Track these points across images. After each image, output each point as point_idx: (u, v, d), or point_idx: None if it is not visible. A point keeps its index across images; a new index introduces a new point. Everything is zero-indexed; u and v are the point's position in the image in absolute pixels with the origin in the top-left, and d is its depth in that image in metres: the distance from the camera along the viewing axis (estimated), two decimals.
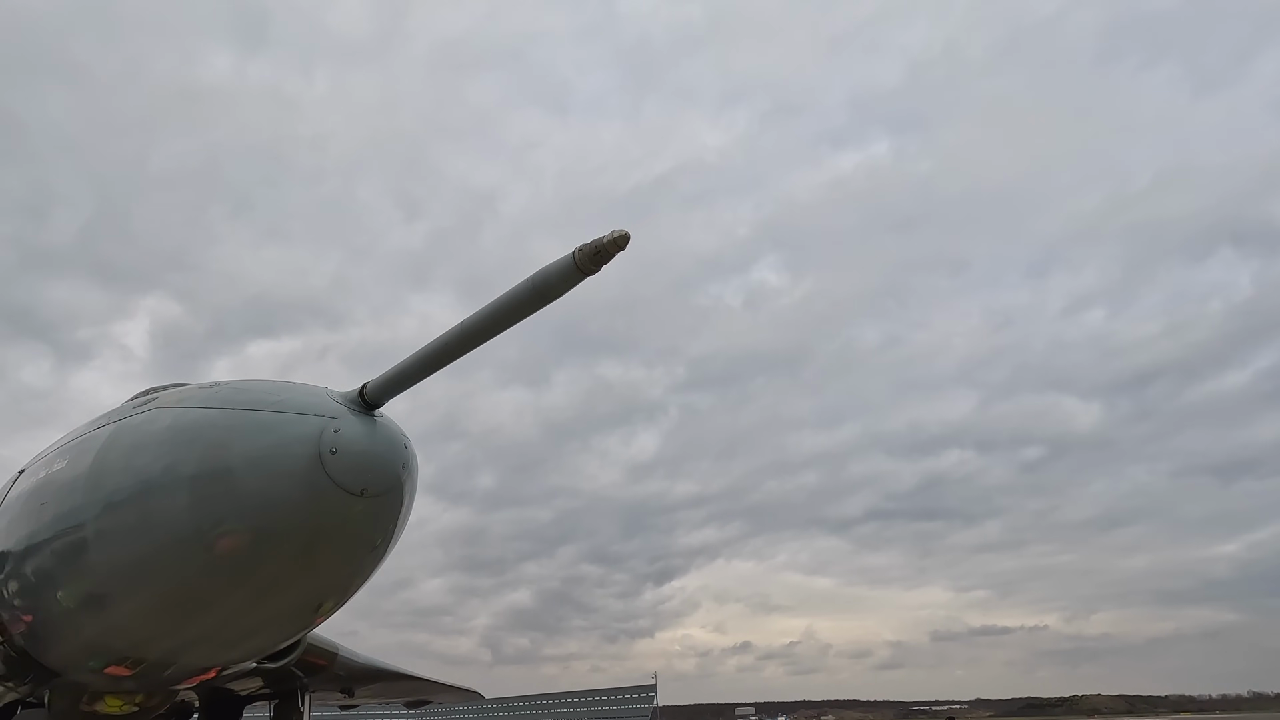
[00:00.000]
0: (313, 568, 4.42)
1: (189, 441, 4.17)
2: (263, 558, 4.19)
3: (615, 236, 3.12)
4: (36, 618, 5.26)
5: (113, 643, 5.06)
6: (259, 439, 3.99)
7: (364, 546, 4.39)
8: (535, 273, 3.41)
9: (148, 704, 6.15)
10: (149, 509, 4.21)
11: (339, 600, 4.97)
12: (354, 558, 4.47)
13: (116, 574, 4.47)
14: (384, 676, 15.09)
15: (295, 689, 11.60)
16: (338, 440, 3.91)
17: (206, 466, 4.06)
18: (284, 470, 3.92)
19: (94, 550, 4.48)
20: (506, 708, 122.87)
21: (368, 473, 3.98)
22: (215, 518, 4.06)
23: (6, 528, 5.39)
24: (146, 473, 4.26)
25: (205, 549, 4.12)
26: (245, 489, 3.98)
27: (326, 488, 3.90)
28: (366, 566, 4.62)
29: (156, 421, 4.43)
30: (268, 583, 4.39)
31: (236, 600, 4.49)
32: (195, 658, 5.50)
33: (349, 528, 4.19)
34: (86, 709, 5.78)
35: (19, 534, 5.17)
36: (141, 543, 4.28)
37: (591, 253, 3.17)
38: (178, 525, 4.13)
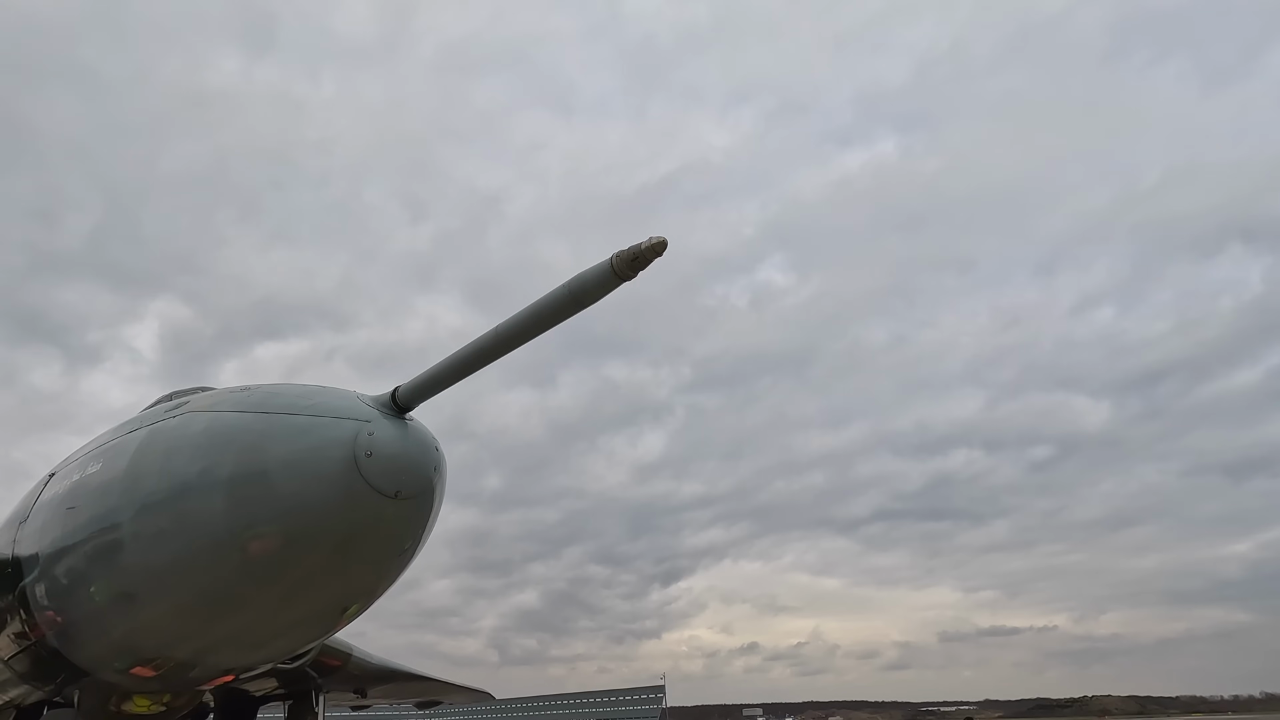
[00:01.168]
0: (344, 570, 4.46)
1: (224, 445, 4.23)
2: (296, 560, 4.22)
3: (654, 243, 3.15)
4: (69, 617, 5.32)
5: (141, 643, 5.11)
6: (294, 442, 4.05)
7: (395, 548, 4.44)
8: (572, 278, 3.44)
9: (174, 704, 6.22)
10: (185, 511, 4.26)
11: (365, 603, 5.01)
12: (385, 560, 4.51)
13: (150, 575, 4.52)
14: (397, 677, 15.14)
15: (310, 689, 11.66)
16: (372, 443, 3.95)
17: (242, 470, 4.12)
18: (319, 473, 3.96)
19: (129, 551, 4.54)
20: (516, 708, 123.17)
21: (402, 475, 4.02)
22: (251, 520, 4.11)
23: (40, 529, 5.45)
24: (183, 476, 4.31)
25: (239, 551, 4.17)
26: (281, 492, 4.03)
27: (361, 490, 3.94)
28: (395, 569, 4.67)
29: (191, 425, 4.49)
30: (298, 585, 4.43)
31: (267, 602, 4.53)
32: (221, 659, 5.54)
33: (382, 530, 4.23)
34: (115, 709, 5.85)
35: (53, 535, 5.23)
36: (176, 544, 4.32)
37: (630, 259, 3.20)
38: (213, 527, 4.18)
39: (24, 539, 5.69)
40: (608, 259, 3.26)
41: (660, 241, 3.13)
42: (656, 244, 3.14)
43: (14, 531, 5.98)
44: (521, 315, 3.64)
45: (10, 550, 5.92)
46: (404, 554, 4.53)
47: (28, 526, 5.71)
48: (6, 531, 6.27)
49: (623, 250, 3.21)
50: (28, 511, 5.85)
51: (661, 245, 3.12)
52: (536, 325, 3.64)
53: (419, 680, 16.43)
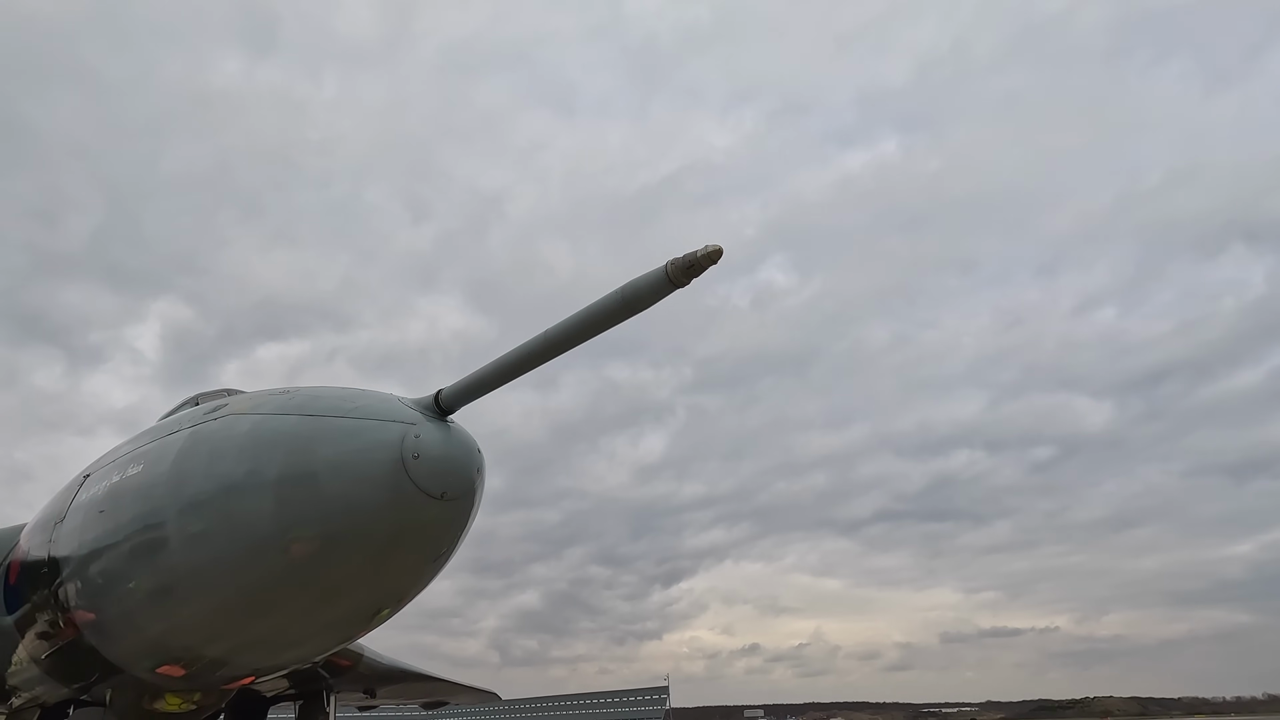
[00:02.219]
0: (384, 572, 4.49)
1: (270, 447, 4.26)
2: (339, 561, 4.25)
3: (709, 251, 3.16)
4: (107, 615, 5.36)
5: (178, 641, 5.15)
6: (342, 444, 4.08)
7: (436, 550, 4.48)
8: (625, 284, 3.45)
9: (204, 702, 6.27)
10: (231, 512, 4.29)
11: (397, 607, 5.04)
12: (424, 562, 4.56)
13: (193, 574, 4.55)
14: (406, 677, 15.18)
15: (321, 689, 11.69)
16: (419, 445, 4.00)
17: (290, 471, 4.15)
18: (368, 475, 4.00)
19: (173, 551, 4.57)
20: (520, 709, 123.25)
21: (448, 477, 4.07)
22: (297, 521, 4.14)
23: (79, 530, 5.49)
24: (229, 477, 4.34)
25: (284, 551, 4.20)
26: (329, 493, 4.05)
27: (409, 491, 3.96)
28: (432, 571, 4.71)
29: (235, 427, 4.52)
30: (338, 586, 4.46)
31: (305, 603, 4.56)
32: (252, 660, 5.59)
33: (426, 531, 4.28)
34: (147, 707, 5.89)
35: (93, 535, 5.27)
36: (221, 544, 4.36)
37: (685, 266, 3.21)
38: (260, 528, 4.21)
39: (61, 539, 5.73)
40: (662, 266, 3.27)
41: (716, 250, 3.15)
42: (712, 252, 3.15)
43: (50, 532, 6.01)
44: (572, 320, 3.67)
45: (46, 550, 5.96)
46: (443, 556, 4.57)
47: (64, 527, 5.75)
48: (41, 532, 6.31)
49: (677, 257, 3.22)
50: (63, 512, 5.89)
51: (717, 253, 3.15)
52: (587, 330, 3.66)
53: (427, 680, 16.46)
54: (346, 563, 4.27)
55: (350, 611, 4.92)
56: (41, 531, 6.33)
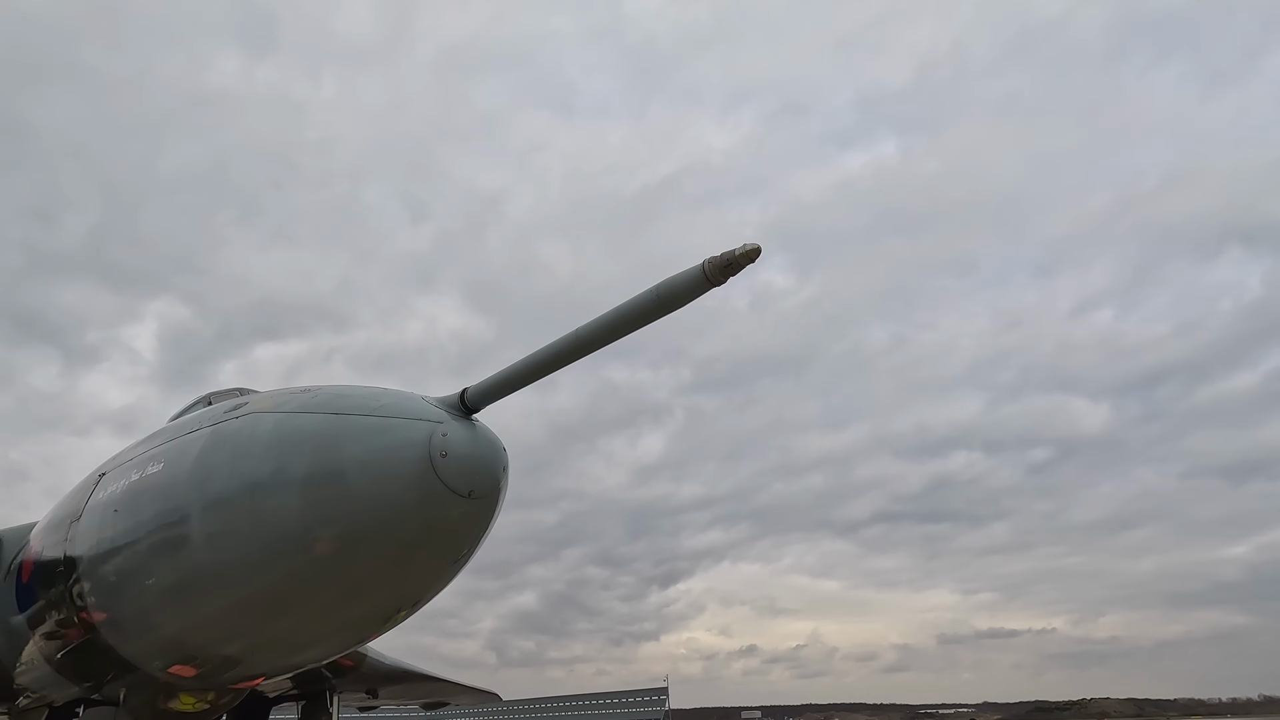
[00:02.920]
0: (409, 570, 4.46)
1: (296, 445, 4.22)
2: (364, 559, 4.21)
3: (747, 250, 3.10)
4: (125, 614, 5.31)
5: (194, 639, 5.11)
6: (369, 442, 4.05)
7: (460, 549, 4.45)
8: (660, 282, 3.39)
9: (217, 702, 6.24)
10: (257, 510, 4.25)
11: (416, 606, 4.99)
12: (448, 560, 4.53)
13: (216, 572, 4.51)
14: (409, 677, 15.13)
15: (324, 690, 11.63)
16: (446, 444, 3.97)
17: (317, 469, 4.11)
18: (395, 473, 3.97)
19: (196, 548, 4.53)
20: (520, 709, 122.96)
21: (475, 475, 4.06)
22: (324, 519, 4.10)
23: (98, 528, 5.44)
24: (254, 475, 4.30)
25: (308, 549, 4.16)
26: (356, 491, 4.01)
27: (438, 490, 3.95)
28: (454, 570, 4.67)
29: (259, 425, 4.48)
30: (361, 585, 4.42)
31: (326, 601, 4.53)
32: (266, 660, 5.55)
33: (453, 529, 4.25)
34: (162, 706, 5.85)
35: (113, 534, 5.22)
36: (246, 543, 4.32)
37: (722, 265, 3.16)
38: (286, 527, 4.17)
39: (78, 538, 5.68)
40: (699, 264, 3.21)
41: (754, 249, 3.09)
42: (750, 251, 3.10)
43: (65, 531, 5.96)
44: (604, 319, 3.62)
45: (62, 550, 5.91)
46: (465, 556, 4.54)
47: (81, 525, 5.70)
48: (56, 531, 6.27)
49: (715, 256, 3.16)
50: (79, 511, 5.84)
51: (755, 252, 3.09)
52: (619, 329, 3.61)
53: (429, 681, 16.41)
54: (371, 561, 4.23)
55: (370, 611, 4.87)
56: (55, 531, 6.29)
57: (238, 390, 6.78)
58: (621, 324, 3.58)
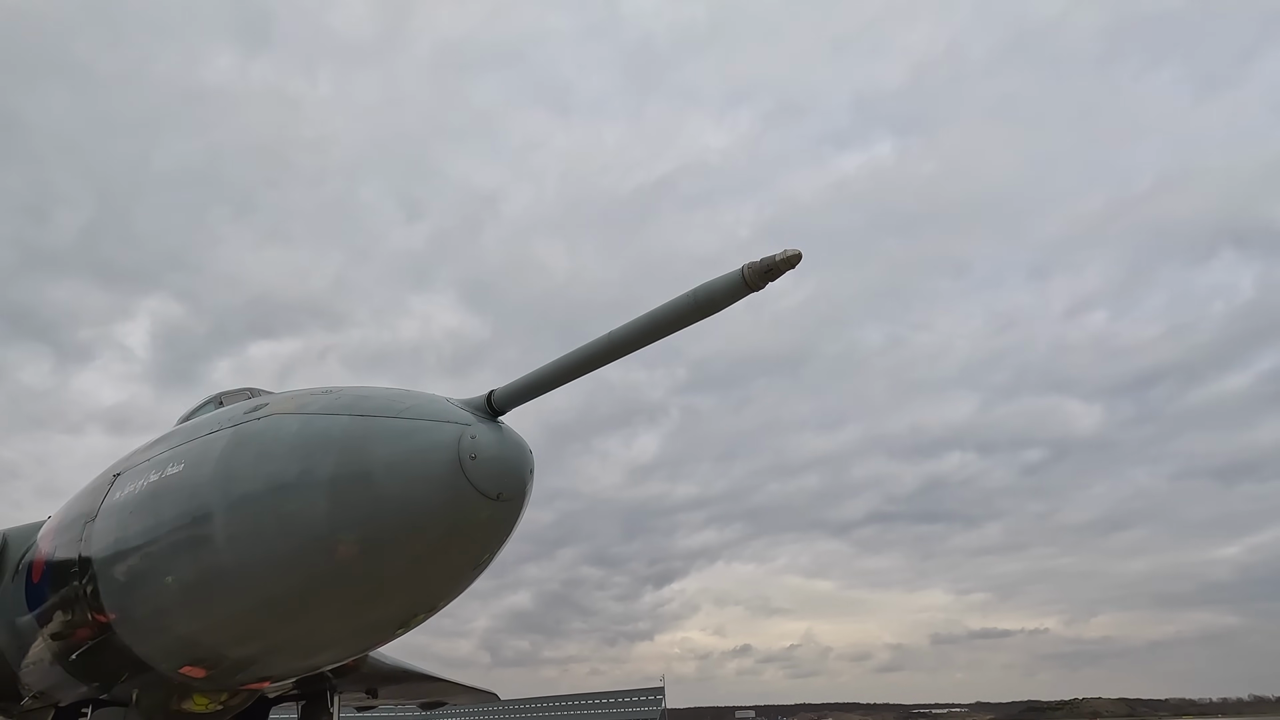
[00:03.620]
0: (432, 572, 4.46)
1: (323, 447, 4.20)
2: (389, 561, 4.20)
3: (788, 255, 3.11)
4: (146, 612, 5.29)
5: (214, 639, 5.10)
6: (397, 444, 4.04)
7: (484, 552, 4.45)
8: (698, 286, 3.38)
9: (230, 703, 6.20)
10: (282, 511, 4.24)
11: (435, 609, 4.97)
12: (472, 562, 4.52)
13: (240, 572, 4.50)
14: (408, 677, 15.12)
15: (325, 690, 11.60)
16: (475, 446, 3.96)
17: (344, 470, 4.09)
18: (424, 475, 3.96)
19: (220, 549, 4.51)
20: (517, 709, 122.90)
21: (504, 478, 4.05)
22: (351, 521, 4.09)
23: (116, 528, 5.43)
24: (280, 476, 4.29)
25: (333, 551, 4.15)
26: (385, 493, 4.00)
27: (467, 492, 3.95)
28: (475, 574, 4.67)
29: (283, 427, 4.47)
30: (384, 587, 4.41)
31: (348, 603, 4.51)
32: (279, 661, 5.54)
33: (479, 532, 4.24)
34: (176, 707, 5.82)
35: (134, 532, 5.20)
36: (271, 543, 4.31)
37: (762, 270, 3.16)
38: (311, 528, 4.16)
39: (94, 538, 5.66)
40: (739, 269, 3.21)
41: (795, 254, 3.09)
42: (790, 256, 3.09)
43: (80, 531, 5.95)
44: (640, 321, 3.60)
45: (76, 550, 5.89)
46: (487, 559, 4.53)
47: (97, 525, 5.68)
48: (69, 531, 6.25)
49: (755, 261, 3.16)
50: (94, 512, 5.83)
51: (796, 258, 3.09)
52: (655, 332, 3.60)
53: (428, 681, 16.39)
54: (397, 564, 4.22)
55: (391, 613, 4.86)
56: (69, 530, 6.27)
57: (248, 390, 6.76)
58: (657, 327, 3.58)
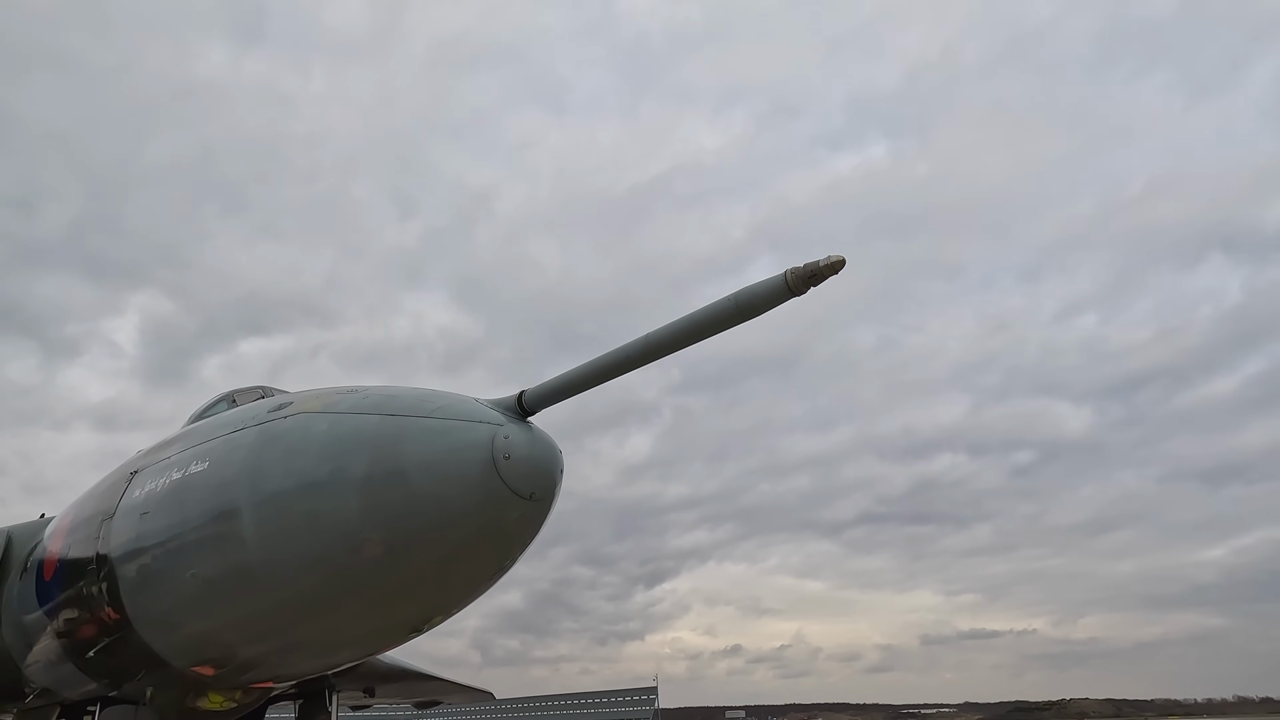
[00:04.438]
0: (461, 571, 4.45)
1: (354, 445, 4.18)
2: (419, 560, 4.18)
3: (832, 261, 3.11)
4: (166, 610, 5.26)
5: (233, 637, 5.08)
6: (430, 444, 4.03)
7: (513, 551, 4.46)
8: (740, 290, 3.39)
9: (244, 700, 6.15)
10: (313, 509, 4.22)
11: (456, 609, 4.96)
12: (500, 562, 4.53)
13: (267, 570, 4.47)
14: (406, 676, 15.07)
15: (324, 689, 11.52)
16: (509, 446, 3.96)
17: (378, 470, 4.08)
18: (459, 474, 3.96)
19: (248, 547, 4.48)
20: (511, 708, 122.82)
21: (536, 478, 4.05)
22: (384, 520, 4.07)
23: (139, 524, 5.39)
24: (311, 474, 4.27)
25: (365, 550, 4.14)
26: (419, 492, 3.98)
27: (500, 491, 3.95)
28: (501, 573, 4.67)
29: (312, 425, 4.45)
30: (412, 586, 4.40)
31: (374, 602, 4.50)
32: (297, 660, 5.53)
33: (511, 531, 4.24)
34: (190, 705, 5.77)
35: (157, 529, 5.17)
36: (301, 542, 4.29)
37: (806, 275, 3.16)
38: (343, 526, 4.14)
39: (113, 536, 5.62)
40: (781, 274, 3.21)
41: (839, 260, 3.09)
42: (835, 262, 3.09)
43: (97, 529, 5.91)
44: (679, 324, 3.60)
45: (94, 547, 5.85)
46: (514, 559, 4.53)
47: (116, 523, 5.64)
48: (85, 529, 6.20)
49: (798, 266, 3.17)
50: (112, 510, 5.79)
51: (839, 264, 3.08)
52: (693, 335, 3.59)
53: (425, 680, 16.35)
54: (426, 562, 4.20)
55: (415, 612, 4.85)
56: (84, 529, 6.23)
57: (260, 389, 6.73)
58: (695, 330, 3.57)
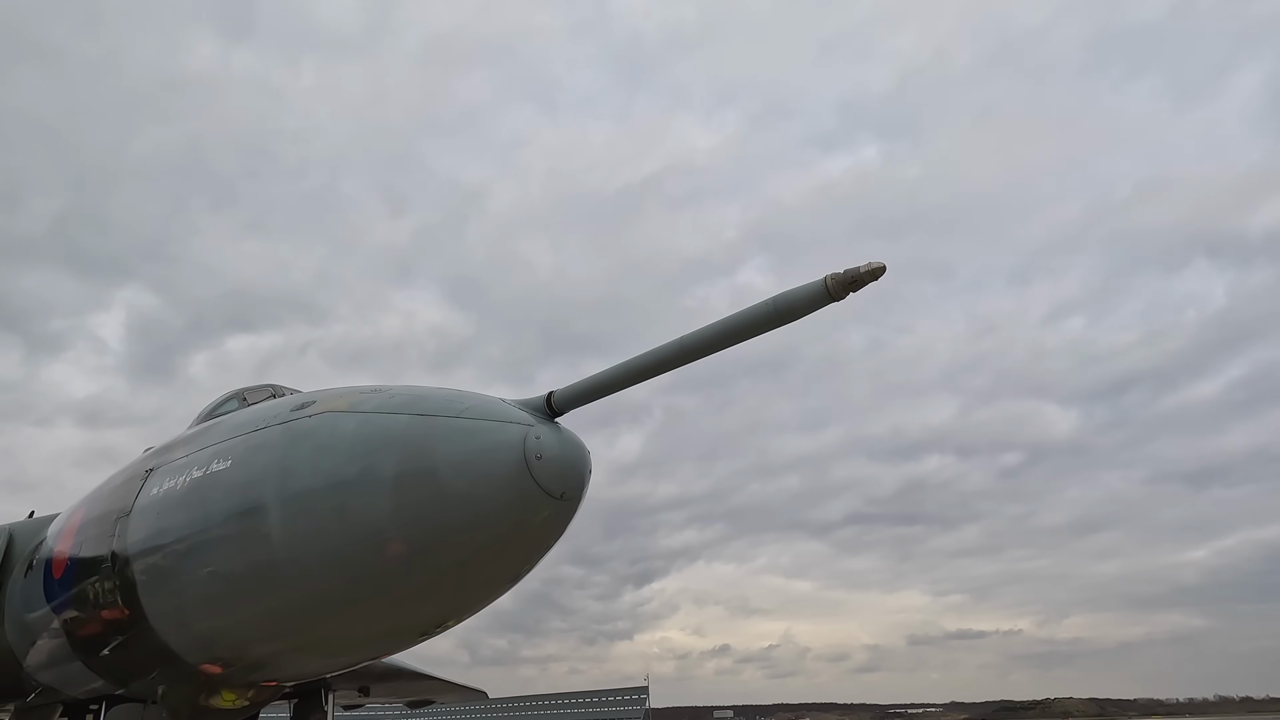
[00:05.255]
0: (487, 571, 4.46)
1: (384, 444, 4.19)
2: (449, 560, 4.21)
3: (872, 268, 3.12)
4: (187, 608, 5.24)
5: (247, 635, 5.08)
6: (462, 444, 4.04)
7: (541, 550, 4.47)
8: (778, 294, 3.40)
9: (257, 699, 6.13)
10: (344, 508, 4.22)
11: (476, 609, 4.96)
12: (531, 560, 4.54)
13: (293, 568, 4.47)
14: (402, 675, 15.06)
15: (319, 687, 11.50)
16: (541, 446, 3.97)
17: (409, 469, 4.09)
18: (492, 474, 3.97)
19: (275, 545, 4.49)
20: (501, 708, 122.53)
21: (567, 478, 4.07)
22: (415, 519, 4.08)
23: (158, 521, 5.38)
24: (341, 473, 4.27)
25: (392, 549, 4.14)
26: (451, 492, 4.00)
27: (533, 491, 3.96)
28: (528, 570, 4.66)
29: (339, 424, 4.45)
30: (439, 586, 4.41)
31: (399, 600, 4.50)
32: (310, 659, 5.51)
33: (541, 531, 4.25)
34: (203, 703, 5.76)
35: (177, 526, 5.16)
36: (329, 540, 4.30)
37: (846, 281, 3.16)
38: (374, 525, 4.15)
39: (131, 533, 5.60)
40: (821, 279, 3.21)
41: (879, 267, 3.10)
42: (875, 269, 3.10)
43: (112, 526, 5.88)
44: (713, 327, 3.62)
45: (109, 545, 5.82)
46: (539, 557, 4.53)
47: (134, 521, 5.62)
48: (98, 526, 6.18)
49: (838, 272, 3.17)
50: (128, 508, 5.77)
51: (880, 270, 3.10)
52: (730, 338, 3.61)
53: (419, 679, 16.33)
54: (455, 562, 4.21)
55: (438, 610, 4.85)
56: (97, 526, 6.21)
57: (270, 387, 6.73)
58: (731, 333, 3.59)
